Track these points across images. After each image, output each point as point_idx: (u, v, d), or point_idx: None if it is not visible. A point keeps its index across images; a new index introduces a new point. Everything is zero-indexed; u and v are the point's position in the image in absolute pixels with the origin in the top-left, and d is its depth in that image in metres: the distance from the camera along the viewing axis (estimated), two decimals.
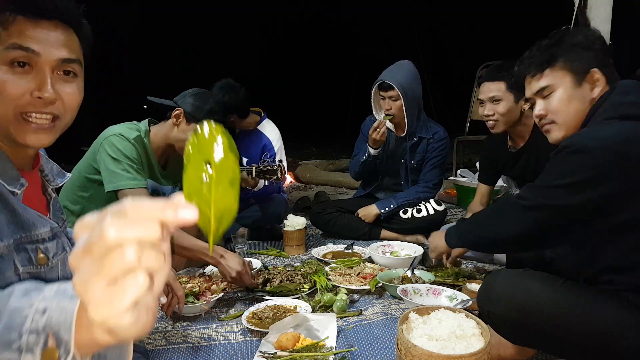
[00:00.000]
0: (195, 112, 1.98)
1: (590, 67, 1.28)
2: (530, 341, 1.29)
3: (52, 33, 0.82)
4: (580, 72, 1.30)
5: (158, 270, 0.39)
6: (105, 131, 1.97)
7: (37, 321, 0.47)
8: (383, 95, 2.74)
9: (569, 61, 1.30)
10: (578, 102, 1.31)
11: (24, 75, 0.80)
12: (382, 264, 2.27)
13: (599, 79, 1.28)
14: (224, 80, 2.86)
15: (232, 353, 1.51)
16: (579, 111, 1.31)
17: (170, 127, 2.01)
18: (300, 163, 5.91)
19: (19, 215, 0.81)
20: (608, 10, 3.49)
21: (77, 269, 0.38)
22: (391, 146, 2.91)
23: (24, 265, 0.81)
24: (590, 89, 1.29)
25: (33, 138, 0.83)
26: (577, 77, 1.30)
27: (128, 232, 0.36)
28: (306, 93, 11.51)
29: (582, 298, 1.18)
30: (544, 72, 1.34)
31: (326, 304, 1.78)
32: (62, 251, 0.91)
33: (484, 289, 1.36)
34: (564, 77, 1.31)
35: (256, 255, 2.52)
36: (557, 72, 1.32)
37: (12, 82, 0.79)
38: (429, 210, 2.76)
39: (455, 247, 1.78)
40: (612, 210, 1.15)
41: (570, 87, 1.31)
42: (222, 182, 0.46)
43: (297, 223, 2.55)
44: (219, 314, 1.80)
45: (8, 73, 0.79)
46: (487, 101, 2.20)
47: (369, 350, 1.50)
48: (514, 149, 2.32)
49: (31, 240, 0.83)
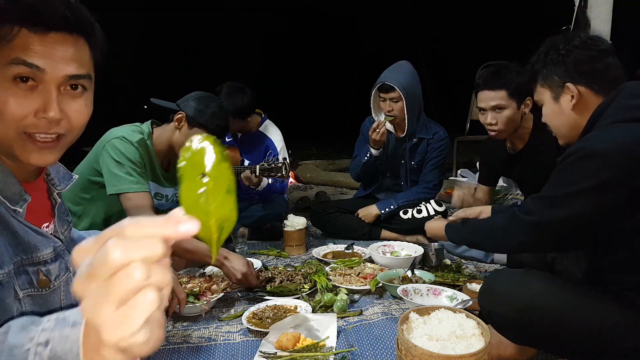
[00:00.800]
0: (197, 116, 1.97)
1: (565, 82, 1.30)
2: (531, 341, 1.29)
3: (59, 47, 0.75)
4: (556, 87, 1.33)
5: (165, 285, 0.38)
6: (108, 133, 1.96)
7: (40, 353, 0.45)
8: (384, 96, 2.72)
9: (545, 78, 1.35)
10: (560, 116, 1.34)
11: (28, 92, 0.74)
12: (382, 264, 2.26)
13: (574, 92, 1.29)
14: (230, 83, 2.86)
15: (233, 353, 1.51)
16: (565, 124, 1.34)
17: (173, 130, 2.01)
18: (300, 163, 5.91)
19: (19, 238, 0.78)
20: (608, 10, 3.49)
21: (84, 294, 0.37)
22: (391, 147, 2.91)
23: (24, 289, 0.78)
24: (569, 102, 1.31)
25: (37, 157, 0.77)
26: (553, 92, 1.34)
27: (133, 253, 0.36)
28: (306, 93, 11.51)
29: (583, 298, 1.18)
30: (535, 89, 1.41)
31: (326, 304, 1.78)
32: (66, 272, 0.88)
33: (485, 289, 1.36)
34: (545, 93, 1.37)
35: (256, 256, 2.52)
36: (540, 89, 1.38)
37: (16, 102, 0.72)
38: (430, 211, 2.76)
39: (454, 242, 1.84)
40: (625, 214, 1.13)
41: (551, 103, 1.36)
42: (219, 191, 0.46)
43: (298, 223, 2.55)
44: (219, 314, 1.80)
45: (11, 90, 0.72)
46: (489, 110, 2.15)
47: (370, 351, 1.50)
48: (513, 151, 2.31)
49: (32, 263, 0.80)
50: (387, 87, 2.68)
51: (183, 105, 2.01)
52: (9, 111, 0.72)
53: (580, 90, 1.28)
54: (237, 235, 2.57)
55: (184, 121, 1.98)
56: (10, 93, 0.72)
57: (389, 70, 2.76)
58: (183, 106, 2.01)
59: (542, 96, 1.39)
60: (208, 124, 1.97)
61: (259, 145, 3.13)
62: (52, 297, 0.83)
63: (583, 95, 1.28)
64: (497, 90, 2.11)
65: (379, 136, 2.69)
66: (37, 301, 0.80)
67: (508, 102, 2.11)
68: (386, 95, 2.70)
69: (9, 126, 0.73)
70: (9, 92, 0.72)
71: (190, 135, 2.06)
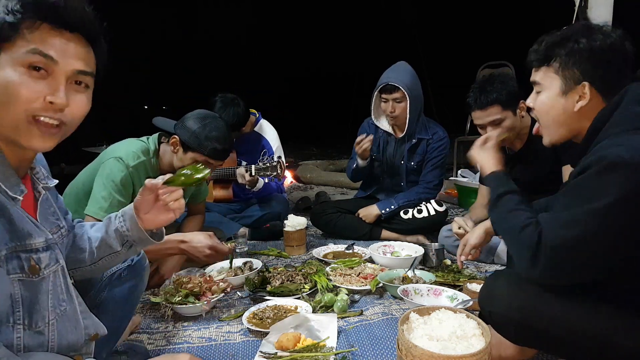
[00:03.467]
0: (191, 141, 1.91)
1: (583, 80, 1.19)
2: (531, 341, 1.28)
3: (71, 44, 0.85)
4: (570, 81, 1.20)
5: None
6: (110, 149, 1.96)
7: None
8: (386, 97, 2.71)
9: (564, 66, 1.21)
10: (558, 112, 1.24)
11: (39, 79, 0.82)
12: (382, 264, 2.26)
13: (586, 94, 1.19)
14: (222, 96, 2.84)
15: (233, 353, 1.51)
16: (558, 122, 1.25)
17: (171, 153, 1.99)
18: (300, 163, 5.91)
19: (15, 225, 0.83)
20: (608, 10, 3.48)
21: None
22: (390, 148, 2.91)
23: (15, 273, 0.82)
24: (575, 102, 1.21)
25: (39, 142, 0.84)
26: (565, 85, 1.21)
27: None
28: (306, 93, 11.52)
29: (584, 298, 1.17)
30: (540, 68, 1.27)
31: (327, 304, 1.78)
32: (55, 263, 0.92)
33: (486, 289, 1.35)
34: (553, 81, 1.24)
35: (257, 256, 2.52)
36: (550, 73, 1.24)
37: (27, 85, 0.81)
38: (430, 211, 2.76)
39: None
40: None
41: (556, 94, 1.23)
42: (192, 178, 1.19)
43: (298, 223, 2.55)
44: (220, 314, 1.80)
45: (24, 75, 0.80)
46: (488, 125, 2.11)
47: (370, 351, 1.50)
48: (512, 152, 2.31)
49: (25, 249, 0.85)
50: (390, 87, 2.66)
51: (178, 128, 1.96)
52: (22, 94, 0.80)
53: (592, 93, 1.19)
54: (238, 236, 2.58)
55: (179, 145, 1.95)
56: (24, 79, 0.80)
57: (390, 70, 2.75)
58: (178, 129, 1.95)
59: (546, 81, 1.25)
60: (202, 148, 1.91)
61: (255, 145, 3.14)
62: (40, 285, 0.87)
63: (592, 100, 1.19)
64: (489, 108, 2.08)
65: (360, 150, 2.71)
66: (27, 287, 0.85)
67: (503, 114, 2.08)
68: (389, 96, 2.69)
69: (19, 109, 0.81)
70: (23, 78, 0.80)
71: (186, 160, 2.11)
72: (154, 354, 1.52)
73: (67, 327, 0.94)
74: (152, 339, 1.62)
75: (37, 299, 0.86)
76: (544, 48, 1.25)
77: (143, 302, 1.89)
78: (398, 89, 2.64)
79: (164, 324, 1.74)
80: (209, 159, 1.93)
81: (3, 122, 0.82)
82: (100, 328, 1.04)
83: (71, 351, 0.95)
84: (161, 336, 1.64)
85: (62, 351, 0.92)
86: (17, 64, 0.80)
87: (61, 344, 0.91)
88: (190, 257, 1.86)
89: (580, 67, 1.19)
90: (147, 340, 1.61)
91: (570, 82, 1.21)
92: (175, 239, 1.83)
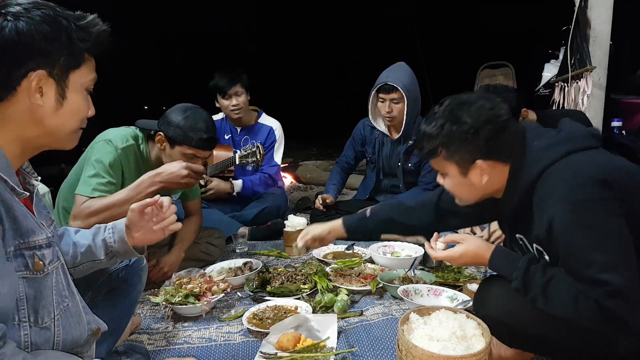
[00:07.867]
0: (175, 135, 1.89)
1: (475, 158, 1.22)
2: (526, 345, 1.28)
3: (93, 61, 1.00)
4: (464, 163, 1.23)
5: None
6: (101, 135, 1.97)
7: None
8: (383, 97, 2.70)
9: (451, 154, 1.24)
10: (468, 188, 1.28)
11: None
12: (382, 264, 2.26)
13: (485, 169, 1.22)
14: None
15: (233, 354, 1.51)
16: (471, 194, 1.30)
17: (159, 150, 1.98)
18: (300, 163, 5.91)
19: (19, 222, 0.85)
20: (608, 11, 3.49)
21: None
22: (386, 149, 2.90)
23: (20, 271, 0.84)
24: (480, 176, 1.24)
25: (74, 144, 1.00)
26: (461, 167, 1.24)
27: None
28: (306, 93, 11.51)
29: None
30: (433, 159, 1.30)
31: (327, 304, 1.78)
32: (57, 260, 0.94)
33: (480, 293, 1.35)
34: (450, 167, 1.27)
35: (257, 256, 2.52)
36: (442, 161, 1.27)
37: (85, 105, 0.98)
38: None
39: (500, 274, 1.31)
40: None
41: (458, 177, 1.27)
42: None
43: (298, 223, 2.54)
44: (220, 314, 1.80)
45: (85, 97, 0.97)
46: None
47: (370, 351, 1.50)
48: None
49: (29, 247, 0.87)
50: (388, 87, 2.66)
51: (162, 124, 1.93)
52: (82, 111, 0.97)
53: (491, 164, 1.22)
54: (238, 236, 2.58)
55: (165, 142, 1.94)
56: (85, 99, 0.97)
57: (389, 70, 2.75)
58: (162, 125, 1.93)
59: (444, 168, 1.29)
60: (188, 140, 1.89)
61: (261, 132, 3.20)
62: (45, 282, 0.89)
63: (494, 168, 1.23)
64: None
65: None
66: (31, 284, 0.86)
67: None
68: (387, 96, 2.68)
69: (76, 122, 0.96)
70: (85, 98, 0.97)
71: (175, 154, 2.15)
72: (154, 354, 1.52)
73: (71, 323, 0.95)
74: (152, 339, 1.62)
75: (42, 295, 0.88)
76: (425, 143, 1.28)
77: (143, 302, 1.89)
78: (396, 89, 2.63)
79: (164, 324, 1.74)
80: (197, 151, 1.92)
81: (60, 131, 0.93)
82: (101, 323, 1.07)
83: (75, 347, 0.96)
84: (161, 336, 1.64)
85: (67, 346, 0.93)
86: (82, 88, 0.95)
87: (66, 339, 0.93)
88: (169, 187, 1.83)
89: (464, 149, 1.21)
90: (147, 341, 1.61)
91: (465, 164, 1.24)
92: (149, 177, 1.81)
